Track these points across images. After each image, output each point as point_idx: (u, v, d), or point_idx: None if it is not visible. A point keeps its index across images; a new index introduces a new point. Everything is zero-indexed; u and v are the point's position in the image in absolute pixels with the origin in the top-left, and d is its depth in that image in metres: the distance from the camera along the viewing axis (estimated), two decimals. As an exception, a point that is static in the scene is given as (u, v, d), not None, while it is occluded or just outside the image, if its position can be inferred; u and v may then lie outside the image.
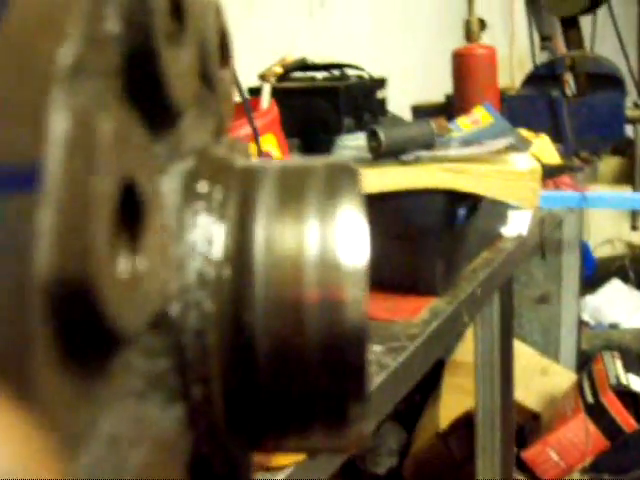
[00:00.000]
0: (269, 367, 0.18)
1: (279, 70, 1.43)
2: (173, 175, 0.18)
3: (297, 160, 0.20)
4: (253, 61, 1.36)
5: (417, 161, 0.92)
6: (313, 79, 1.56)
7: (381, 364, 0.82)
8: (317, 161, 0.20)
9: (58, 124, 0.13)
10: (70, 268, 0.13)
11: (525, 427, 1.86)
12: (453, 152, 0.95)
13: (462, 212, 0.96)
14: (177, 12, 0.18)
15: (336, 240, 0.18)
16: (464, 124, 1.11)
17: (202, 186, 0.19)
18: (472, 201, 0.96)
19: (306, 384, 0.18)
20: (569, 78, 1.98)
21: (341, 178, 0.19)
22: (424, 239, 0.92)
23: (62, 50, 0.13)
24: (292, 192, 0.19)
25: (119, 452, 0.15)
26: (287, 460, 0.58)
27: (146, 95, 0.17)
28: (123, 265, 0.14)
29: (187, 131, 0.19)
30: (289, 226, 0.18)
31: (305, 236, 0.18)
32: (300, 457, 0.59)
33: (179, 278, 0.18)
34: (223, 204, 0.19)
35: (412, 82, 2.00)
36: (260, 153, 0.87)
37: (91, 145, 0.13)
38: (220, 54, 0.22)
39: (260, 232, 0.18)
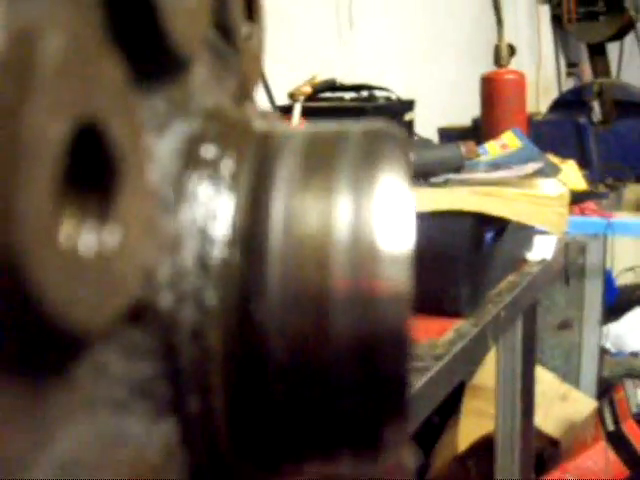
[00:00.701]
0: (284, 377, 0.14)
1: (308, 90, 1.45)
2: (173, 135, 0.15)
3: (329, 124, 0.17)
4: (283, 80, 1.37)
5: (446, 184, 0.93)
6: (341, 99, 1.58)
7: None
8: (353, 126, 0.16)
9: None
10: None
11: (544, 453, 1.84)
12: (482, 175, 0.96)
13: (489, 235, 0.96)
14: None
15: (374, 218, 0.14)
16: (493, 148, 1.12)
17: (208, 150, 0.15)
18: (500, 225, 0.97)
19: (330, 399, 0.14)
20: (595, 105, 1.98)
21: (381, 144, 0.16)
22: (451, 261, 0.93)
23: None
24: (321, 160, 0.15)
25: (78, 476, 0.12)
26: None
27: (136, 30, 0.14)
28: (72, 236, 0.11)
29: (198, 89, 0.16)
30: (315, 200, 0.15)
31: (334, 212, 0.14)
32: None
33: (172, 261, 0.14)
34: (233, 173, 0.15)
35: (439, 105, 2.02)
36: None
37: (28, 70, 0.10)
38: (245, 6, 0.19)
39: (278, 207, 0.15)
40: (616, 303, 2.66)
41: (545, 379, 1.92)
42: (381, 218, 0.14)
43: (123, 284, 0.12)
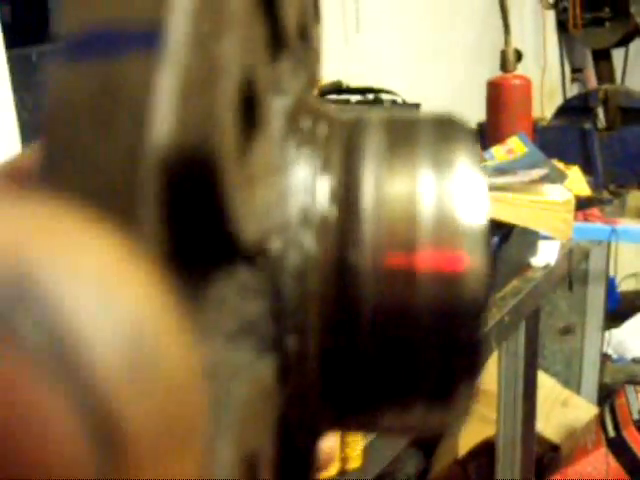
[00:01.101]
0: (373, 326, 0.16)
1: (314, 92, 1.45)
2: (276, 108, 0.17)
3: (399, 111, 0.19)
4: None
5: (452, 188, 0.93)
6: (347, 102, 1.58)
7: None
8: (422, 114, 0.18)
9: None
10: (191, 134, 0.11)
11: (544, 458, 1.85)
12: (488, 181, 0.96)
13: (495, 240, 0.97)
14: None
15: (455, 194, 0.16)
16: (498, 153, 1.12)
17: (305, 121, 0.17)
18: (505, 230, 0.98)
19: (413, 353, 0.16)
20: (600, 111, 1.99)
21: (454, 129, 0.18)
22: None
23: None
24: (402, 138, 0.17)
25: (218, 384, 0.13)
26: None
27: (265, 14, 0.16)
28: (243, 152, 0.13)
29: (285, 73, 0.18)
30: (401, 171, 0.16)
31: (419, 183, 0.16)
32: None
33: (280, 213, 0.16)
34: (328, 141, 0.17)
35: (444, 108, 2.02)
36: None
37: (221, 12, 0.12)
38: (314, 11, 0.21)
39: (369, 173, 0.16)
40: (618, 309, 2.66)
41: (546, 384, 1.92)
42: (460, 194, 0.16)
43: (264, 211, 0.14)
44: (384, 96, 1.57)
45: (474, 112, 1.87)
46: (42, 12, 1.05)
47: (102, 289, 0.09)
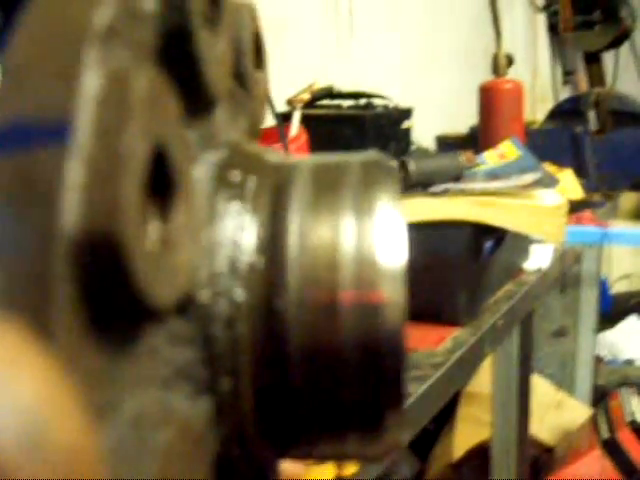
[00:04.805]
0: (301, 364, 0.17)
1: (306, 97, 1.45)
2: (205, 163, 0.18)
3: (330, 156, 0.20)
4: (281, 87, 1.38)
5: (446, 193, 0.94)
6: (340, 107, 1.58)
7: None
8: (351, 157, 0.19)
9: (91, 80, 0.13)
10: (97, 221, 0.13)
11: (538, 460, 1.85)
12: (481, 185, 0.96)
13: (488, 245, 0.97)
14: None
15: (373, 236, 0.17)
16: (491, 157, 1.13)
17: (235, 175, 0.18)
18: (498, 235, 0.98)
19: (340, 386, 0.17)
20: (592, 114, 1.99)
21: (377, 173, 0.18)
22: (450, 270, 0.93)
23: (96, 13, 0.14)
24: (327, 185, 0.18)
25: (143, 433, 0.14)
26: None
27: (182, 76, 0.17)
28: (153, 230, 0.14)
29: (221, 125, 0.19)
30: (324, 219, 0.17)
31: (341, 230, 0.17)
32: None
33: (209, 264, 0.17)
34: (256, 194, 0.18)
35: (437, 113, 2.03)
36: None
37: (124, 102, 0.13)
38: (255, 57, 0.22)
39: (294, 223, 0.17)
40: (611, 311, 2.67)
41: (540, 387, 1.93)
42: (379, 236, 0.17)
43: (181, 274, 0.15)
44: (376, 101, 1.57)
45: (466, 116, 1.88)
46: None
47: (1, 377, 0.10)
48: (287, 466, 0.21)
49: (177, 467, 0.15)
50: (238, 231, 0.17)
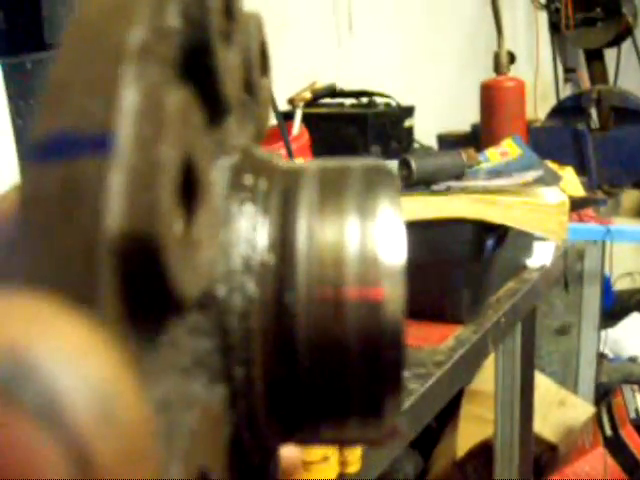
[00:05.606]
0: (308, 354, 0.18)
1: (308, 96, 1.46)
2: (220, 168, 0.19)
3: (335, 161, 0.21)
4: (282, 86, 1.38)
5: (448, 191, 0.94)
6: (341, 106, 1.58)
7: (408, 390, 0.83)
8: (354, 162, 0.21)
9: (129, 96, 0.15)
10: (137, 222, 0.14)
11: (542, 458, 1.85)
12: (483, 183, 0.96)
13: (490, 243, 0.97)
14: (228, 13, 0.20)
15: (375, 236, 0.19)
16: (493, 155, 1.13)
17: (247, 179, 0.20)
18: (500, 232, 0.98)
19: (344, 374, 0.18)
20: (593, 112, 1.99)
21: (378, 178, 0.20)
22: (453, 268, 0.93)
23: (132, 33, 0.15)
24: (332, 189, 0.20)
25: (171, 415, 0.16)
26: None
27: (201, 87, 0.18)
28: (181, 230, 0.15)
29: (232, 131, 0.21)
30: (330, 220, 0.19)
31: (345, 230, 0.19)
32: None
33: (225, 262, 0.18)
34: (267, 197, 0.19)
35: (438, 111, 2.03)
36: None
37: (159, 115, 0.15)
38: (261, 64, 0.24)
39: (303, 224, 0.19)
40: (614, 308, 2.67)
41: (543, 384, 1.93)
42: (380, 236, 0.19)
43: (204, 269, 0.17)
44: (378, 99, 1.58)
45: (468, 114, 1.88)
46: (36, 20, 1.05)
47: (76, 363, 0.12)
48: (285, 451, 0.23)
49: (202, 447, 0.17)
50: (251, 231, 0.19)
